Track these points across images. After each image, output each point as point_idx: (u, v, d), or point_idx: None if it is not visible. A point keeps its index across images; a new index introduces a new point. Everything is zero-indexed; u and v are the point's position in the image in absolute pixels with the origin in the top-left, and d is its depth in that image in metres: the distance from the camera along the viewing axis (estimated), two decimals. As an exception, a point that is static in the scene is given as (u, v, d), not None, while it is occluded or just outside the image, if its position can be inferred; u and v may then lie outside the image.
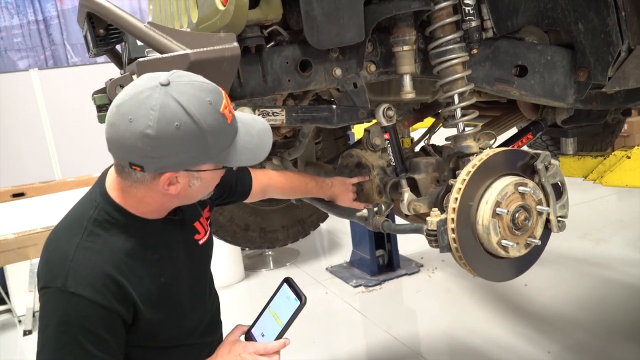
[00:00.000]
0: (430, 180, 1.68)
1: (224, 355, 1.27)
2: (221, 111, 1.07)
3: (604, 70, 1.59)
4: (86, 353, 1.09)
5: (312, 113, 1.57)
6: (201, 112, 1.03)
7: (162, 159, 1.04)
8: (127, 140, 1.02)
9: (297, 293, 1.27)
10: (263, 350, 1.23)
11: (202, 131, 1.03)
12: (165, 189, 1.11)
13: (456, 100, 1.58)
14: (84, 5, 1.52)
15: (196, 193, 1.18)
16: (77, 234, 1.15)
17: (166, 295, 1.22)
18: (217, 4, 1.39)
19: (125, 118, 1.01)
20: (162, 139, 1.01)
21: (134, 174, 1.11)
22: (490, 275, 1.46)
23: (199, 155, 1.07)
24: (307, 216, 2.81)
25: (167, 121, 1.01)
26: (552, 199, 1.47)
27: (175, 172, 1.09)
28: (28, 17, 6.50)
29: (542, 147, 3.01)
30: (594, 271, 3.93)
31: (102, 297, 1.11)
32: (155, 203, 1.18)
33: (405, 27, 1.53)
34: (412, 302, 3.91)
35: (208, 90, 1.07)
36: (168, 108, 1.01)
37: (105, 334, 1.11)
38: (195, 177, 1.13)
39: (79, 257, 1.12)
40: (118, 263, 1.14)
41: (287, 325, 1.25)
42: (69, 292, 1.09)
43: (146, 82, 1.04)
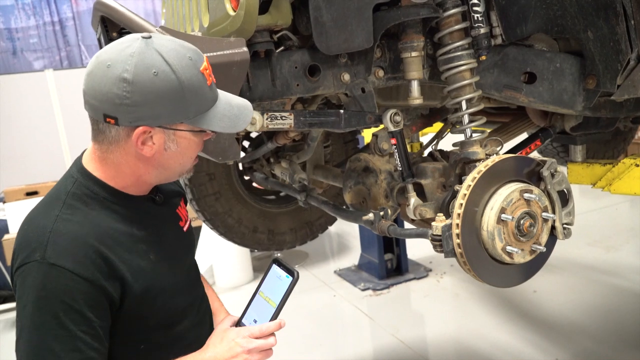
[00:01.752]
0: (437, 185, 1.69)
1: (215, 344, 1.17)
2: (201, 70, 1.04)
3: (613, 78, 1.59)
4: (67, 333, 1.00)
5: (320, 117, 1.58)
6: (181, 65, 1.01)
7: (137, 108, 1.00)
8: (103, 87, 0.99)
9: (287, 270, 1.21)
10: (259, 332, 1.16)
11: (181, 83, 1.01)
12: (139, 147, 1.06)
13: (464, 106, 1.58)
14: (98, 9, 1.55)
15: (172, 161, 1.12)
16: (55, 207, 1.09)
17: (156, 273, 1.16)
18: (227, 9, 1.42)
19: (104, 65, 0.99)
20: (138, 84, 0.98)
21: (108, 132, 1.05)
22: (495, 281, 1.46)
23: (175, 110, 1.03)
24: (315, 219, 2.83)
25: (145, 67, 0.99)
26: (558, 206, 1.47)
27: (150, 127, 1.03)
28: (44, 19, 6.60)
29: (552, 154, 3.00)
30: (604, 279, 3.90)
31: (85, 269, 1.03)
32: (132, 172, 1.12)
33: (414, 33, 1.54)
34: (419, 307, 3.91)
35: (189, 48, 1.05)
36: (147, 55, 0.99)
37: (88, 313, 1.02)
38: (171, 139, 1.07)
39: (59, 228, 1.05)
40: (101, 236, 1.07)
41: (281, 305, 1.18)
42: (48, 263, 1.01)
43: (129, 37, 1.04)
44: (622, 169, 1.97)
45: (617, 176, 1.97)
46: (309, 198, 2.20)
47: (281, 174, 2.34)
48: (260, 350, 1.15)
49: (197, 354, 1.16)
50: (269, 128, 1.52)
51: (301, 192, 2.22)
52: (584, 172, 2.15)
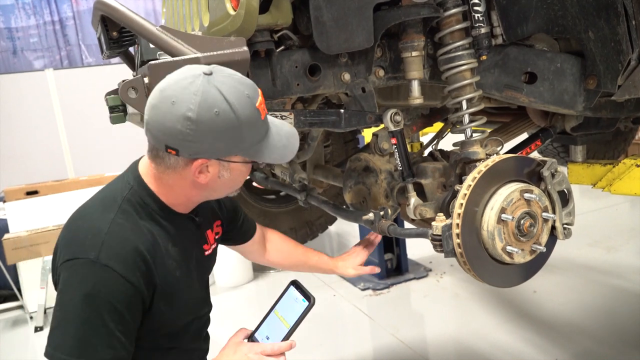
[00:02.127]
0: (437, 185, 1.69)
1: (229, 355, 1.25)
2: (257, 106, 1.12)
3: (614, 79, 1.59)
4: (107, 331, 1.08)
5: (320, 117, 1.58)
6: (240, 103, 1.08)
7: (198, 143, 1.08)
8: (167, 122, 1.06)
9: (305, 294, 1.28)
10: (270, 350, 1.23)
11: (239, 121, 1.08)
12: (195, 176, 1.14)
13: (464, 106, 1.58)
14: (98, 8, 1.55)
15: (223, 186, 1.21)
16: (111, 210, 1.17)
17: (178, 289, 1.24)
18: (228, 8, 1.42)
19: (168, 101, 1.06)
20: (201, 123, 1.05)
21: (167, 159, 1.14)
22: (495, 281, 1.46)
23: (232, 145, 1.11)
24: (315, 218, 2.83)
25: (208, 106, 1.05)
26: (558, 206, 1.47)
27: (207, 159, 1.12)
28: (44, 18, 6.60)
29: (553, 154, 3.00)
30: (604, 279, 3.90)
31: (132, 274, 1.11)
32: (183, 193, 1.21)
33: (414, 33, 1.54)
34: (419, 306, 3.91)
35: (247, 85, 1.12)
36: (210, 94, 1.06)
37: (127, 315, 1.11)
38: (225, 168, 1.16)
39: (114, 231, 1.13)
40: (148, 245, 1.16)
41: (295, 327, 1.25)
42: (100, 264, 1.09)
43: (190, 71, 1.10)
44: (622, 170, 1.97)
45: (618, 176, 1.97)
46: (309, 198, 2.20)
47: (281, 173, 2.34)
48: None
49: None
50: (269, 127, 1.52)
51: (301, 192, 2.22)
52: (585, 173, 2.14)
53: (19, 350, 3.81)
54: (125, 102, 1.32)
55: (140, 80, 1.30)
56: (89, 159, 6.15)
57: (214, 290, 4.31)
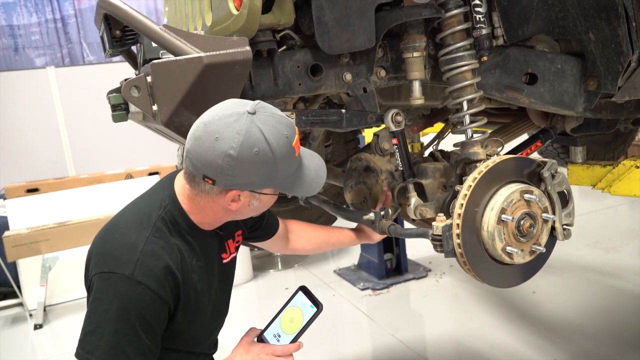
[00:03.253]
0: (438, 185, 1.69)
1: (242, 355, 1.33)
2: (293, 145, 1.19)
3: (614, 80, 1.60)
4: (139, 340, 1.18)
5: (321, 117, 1.59)
6: (279, 144, 1.15)
7: (235, 177, 1.15)
8: (209, 156, 1.13)
9: (313, 300, 1.34)
10: (280, 352, 1.31)
11: (276, 160, 1.15)
12: (228, 204, 1.22)
13: (465, 106, 1.59)
14: (101, 7, 1.55)
15: (250, 212, 1.30)
16: (147, 227, 1.25)
17: (197, 302, 1.32)
18: (230, 8, 1.42)
19: (212, 136, 1.12)
20: (241, 161, 1.12)
21: (203, 185, 1.20)
22: (494, 281, 1.47)
23: (266, 179, 1.18)
24: (315, 218, 2.83)
25: (249, 146, 1.12)
26: (558, 206, 1.48)
27: (241, 190, 1.20)
28: (46, 16, 6.60)
29: (553, 155, 3.01)
30: (603, 280, 3.91)
31: (164, 290, 1.20)
32: (213, 215, 1.28)
33: (416, 33, 1.55)
34: (419, 307, 3.91)
35: (286, 125, 1.18)
36: (252, 134, 1.12)
37: (156, 326, 1.21)
38: (256, 198, 1.24)
39: (148, 250, 1.21)
40: (177, 262, 1.25)
41: (303, 330, 1.33)
42: (135, 280, 1.17)
43: (235, 107, 1.16)
44: (622, 171, 1.97)
45: (617, 178, 1.98)
46: (309, 197, 2.21)
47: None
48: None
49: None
50: (270, 127, 1.53)
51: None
52: (584, 174, 2.15)
53: (19, 348, 3.81)
54: (128, 100, 1.32)
55: (142, 79, 1.30)
56: (89, 156, 6.16)
57: (214, 289, 4.33)
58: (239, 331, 1.44)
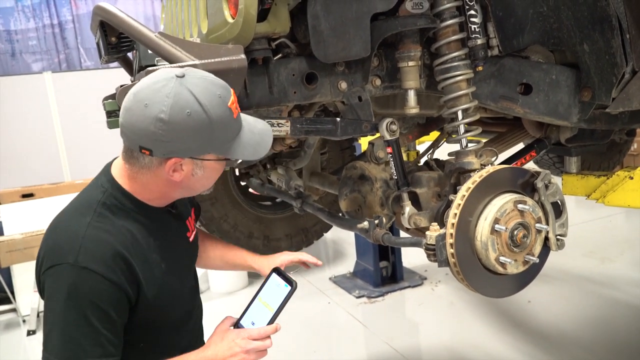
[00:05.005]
0: (432, 194, 1.70)
1: (217, 342, 1.26)
2: (229, 105, 1.14)
3: (608, 91, 1.60)
4: (93, 330, 1.12)
5: (316, 125, 1.59)
6: (211, 104, 1.11)
7: (170, 143, 1.11)
8: (140, 124, 1.09)
9: (287, 279, 1.32)
10: (257, 334, 1.26)
11: (211, 121, 1.11)
12: (170, 174, 1.17)
13: (460, 116, 1.59)
14: (97, 14, 1.55)
15: (197, 184, 1.24)
16: (87, 215, 1.20)
17: (165, 282, 1.27)
18: (226, 16, 1.42)
19: (142, 103, 1.09)
20: (173, 124, 1.08)
21: (142, 159, 1.17)
22: (488, 291, 1.46)
23: (204, 144, 1.14)
24: (310, 225, 2.83)
25: (180, 108, 1.08)
26: (551, 217, 1.48)
27: (181, 158, 1.15)
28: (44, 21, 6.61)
29: (548, 165, 3.02)
30: (598, 290, 3.91)
31: (113, 273, 1.14)
32: (159, 190, 1.24)
33: (411, 43, 1.55)
34: (414, 315, 3.90)
35: (219, 85, 1.15)
36: (182, 96, 1.09)
37: (112, 313, 1.15)
38: (199, 166, 1.19)
39: (91, 235, 1.16)
40: (126, 243, 1.19)
41: (279, 311, 1.29)
42: (80, 266, 1.12)
43: (162, 74, 1.13)
44: (616, 181, 1.98)
45: (611, 188, 1.98)
46: (304, 205, 2.21)
47: (277, 180, 2.35)
48: (257, 350, 1.25)
49: (198, 351, 1.25)
50: (265, 135, 1.53)
51: (297, 199, 2.23)
52: (579, 184, 2.16)
53: (11, 354, 3.79)
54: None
55: (137, 86, 1.30)
56: (85, 162, 6.14)
57: (209, 296, 4.31)
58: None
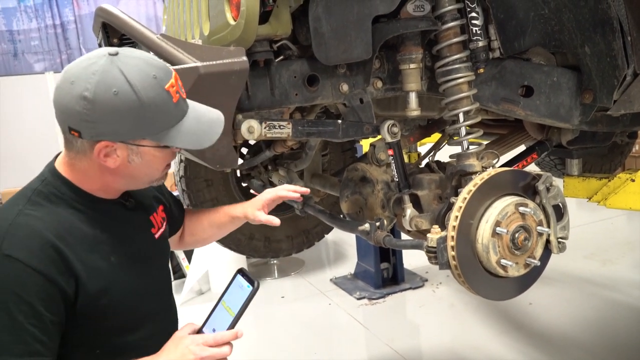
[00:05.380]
0: (433, 197, 1.70)
1: (170, 349, 1.15)
2: (166, 88, 1.06)
3: (610, 94, 1.61)
4: (14, 324, 1.01)
5: (317, 127, 1.59)
6: (143, 84, 1.03)
7: (97, 124, 1.04)
8: (67, 103, 1.03)
9: (249, 280, 1.21)
10: (213, 341, 1.14)
11: (141, 103, 1.03)
12: (102, 159, 1.09)
13: (461, 118, 1.59)
14: (100, 15, 1.56)
15: (138, 172, 1.15)
16: (20, 203, 1.12)
17: (116, 275, 1.17)
18: (228, 18, 1.43)
19: (68, 81, 1.03)
20: (98, 103, 1.02)
21: (75, 143, 1.10)
22: (489, 294, 1.46)
23: (135, 128, 1.06)
24: (312, 227, 2.83)
25: (106, 86, 1.02)
26: (552, 220, 1.48)
27: (111, 142, 1.07)
28: (46, 21, 6.62)
29: (550, 166, 3.01)
30: (600, 292, 3.90)
31: (39, 262, 1.04)
32: (98, 178, 1.16)
33: (413, 45, 1.55)
34: (415, 317, 3.90)
35: (155, 66, 1.07)
36: (109, 74, 1.02)
37: (39, 306, 1.03)
38: (135, 153, 1.10)
39: (18, 221, 1.08)
40: (61, 232, 1.10)
41: (239, 315, 1.18)
42: (3, 254, 1.03)
43: (96, 52, 1.06)
44: (617, 184, 1.98)
45: (613, 191, 1.98)
46: (305, 206, 2.21)
47: (279, 181, 2.35)
48: (214, 359, 1.13)
49: (149, 358, 1.15)
50: (267, 137, 1.53)
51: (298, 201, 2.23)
52: (580, 186, 2.16)
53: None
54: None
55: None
56: (87, 162, 6.15)
57: (210, 297, 4.31)
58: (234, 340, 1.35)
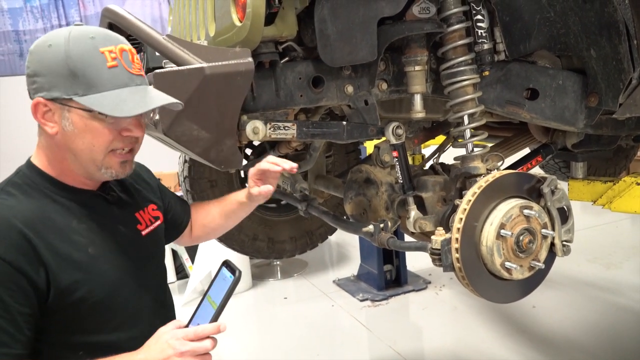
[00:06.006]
0: (437, 199, 1.69)
1: (150, 346, 1.11)
2: (100, 50, 1.08)
3: (615, 97, 1.60)
4: None
5: (322, 128, 1.59)
6: (76, 41, 1.07)
7: (34, 78, 1.08)
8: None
9: (231, 270, 1.16)
10: (193, 334, 1.09)
11: (68, 57, 1.06)
12: (42, 121, 1.10)
13: (466, 121, 1.59)
14: (106, 15, 1.56)
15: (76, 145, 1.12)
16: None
17: (93, 268, 1.14)
18: (234, 19, 1.43)
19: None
20: (34, 55, 1.08)
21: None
22: (493, 297, 1.46)
23: (64, 83, 1.06)
24: (315, 228, 2.83)
25: (45, 39, 1.08)
26: (557, 223, 1.48)
27: (46, 98, 1.07)
28: (52, 22, 6.64)
29: (554, 170, 3.01)
30: (603, 296, 3.89)
31: (5, 249, 1.02)
32: (54, 156, 1.15)
33: (418, 47, 1.55)
34: (418, 319, 3.90)
35: (100, 32, 1.11)
36: (56, 32, 1.09)
37: (5, 296, 1.01)
38: (66, 117, 1.09)
39: None
40: (32, 221, 1.08)
41: (221, 307, 1.13)
42: None
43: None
44: (622, 187, 1.97)
45: (618, 194, 1.98)
46: (309, 207, 2.21)
47: (282, 182, 2.35)
48: (195, 354, 1.08)
49: (129, 355, 1.11)
50: (271, 138, 1.53)
51: (302, 202, 2.23)
52: (585, 189, 2.15)
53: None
54: (130, 109, 1.32)
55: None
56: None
57: (213, 297, 4.31)
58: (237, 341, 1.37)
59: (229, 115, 1.40)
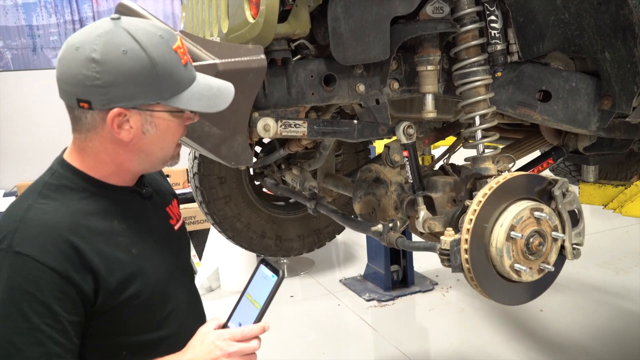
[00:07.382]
0: (447, 199, 1.69)
1: (195, 346, 1.09)
2: (174, 48, 1.03)
3: (629, 100, 1.59)
4: (30, 325, 0.96)
5: (333, 127, 1.59)
6: (151, 42, 1.00)
7: (108, 88, 0.98)
8: (73, 70, 0.98)
9: (274, 269, 1.14)
10: (240, 335, 1.08)
11: (152, 61, 0.99)
12: (116, 131, 1.03)
13: (477, 121, 1.59)
14: (120, 11, 1.57)
15: (152, 146, 1.09)
16: (30, 197, 1.07)
17: (138, 267, 1.12)
18: (247, 16, 1.43)
19: (73, 48, 0.99)
20: (107, 64, 0.97)
21: (84, 119, 1.03)
22: (501, 298, 1.46)
23: (148, 90, 1.01)
24: (323, 227, 2.83)
25: (114, 46, 0.97)
26: (568, 225, 1.47)
27: (125, 109, 1.01)
28: (65, 17, 6.69)
29: (565, 173, 2.99)
30: (612, 301, 3.86)
31: (52, 258, 0.99)
32: (112, 160, 1.09)
33: (430, 47, 1.55)
34: (424, 320, 3.89)
35: (160, 27, 1.04)
36: (115, 35, 0.98)
37: (55, 306, 0.98)
38: (149, 121, 1.04)
39: (29, 216, 1.02)
40: (75, 226, 1.04)
41: (265, 307, 1.12)
42: (13, 251, 0.98)
43: (98, 20, 1.03)
44: (634, 191, 1.96)
45: (629, 198, 1.96)
46: (318, 206, 2.21)
47: (292, 180, 2.35)
48: (242, 354, 1.07)
49: (175, 356, 1.09)
50: (282, 135, 1.54)
51: (311, 200, 2.23)
52: (596, 193, 2.14)
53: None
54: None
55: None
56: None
57: (220, 295, 4.33)
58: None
59: (241, 111, 1.40)
